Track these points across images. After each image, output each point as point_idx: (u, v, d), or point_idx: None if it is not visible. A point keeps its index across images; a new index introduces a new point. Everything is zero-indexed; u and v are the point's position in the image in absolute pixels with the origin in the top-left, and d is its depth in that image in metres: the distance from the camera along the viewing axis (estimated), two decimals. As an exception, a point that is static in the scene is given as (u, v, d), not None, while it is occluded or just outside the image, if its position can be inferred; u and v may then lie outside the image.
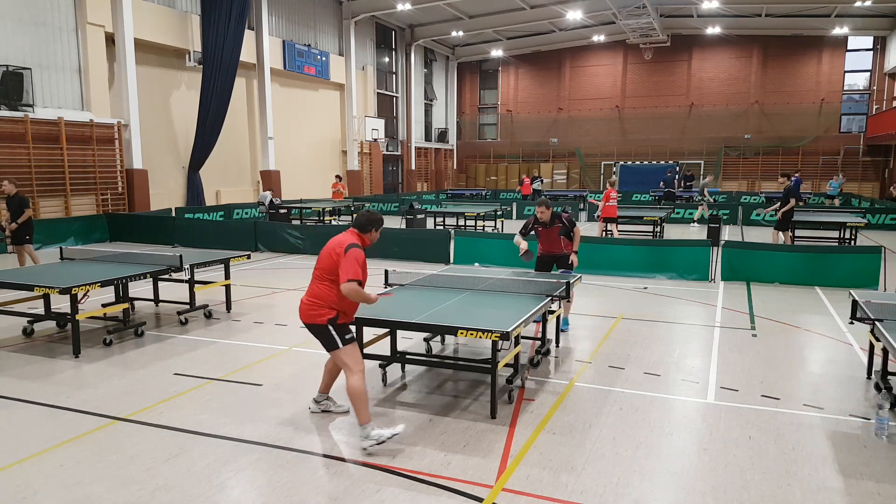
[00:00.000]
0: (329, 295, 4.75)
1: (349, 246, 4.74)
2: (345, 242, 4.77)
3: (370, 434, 4.58)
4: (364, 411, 4.62)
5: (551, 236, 8.13)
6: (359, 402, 4.62)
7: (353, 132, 29.39)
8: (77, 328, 6.97)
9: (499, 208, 19.30)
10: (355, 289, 4.65)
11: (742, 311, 9.22)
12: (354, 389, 4.63)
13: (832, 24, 31.19)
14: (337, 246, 4.76)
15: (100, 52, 17.53)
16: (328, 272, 4.76)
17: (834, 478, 4.30)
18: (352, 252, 4.70)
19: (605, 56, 37.30)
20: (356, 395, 4.63)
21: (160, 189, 20.00)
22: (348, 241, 4.80)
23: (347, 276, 4.62)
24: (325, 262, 4.79)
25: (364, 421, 4.63)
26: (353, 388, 4.64)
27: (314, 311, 4.79)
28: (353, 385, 4.64)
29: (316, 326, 4.78)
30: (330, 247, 4.81)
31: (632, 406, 5.53)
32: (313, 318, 4.78)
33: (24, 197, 11.22)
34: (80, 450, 4.66)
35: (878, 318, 5.60)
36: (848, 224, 14.89)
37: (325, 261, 4.80)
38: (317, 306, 4.77)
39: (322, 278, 4.80)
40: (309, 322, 4.81)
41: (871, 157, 32.81)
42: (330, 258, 4.76)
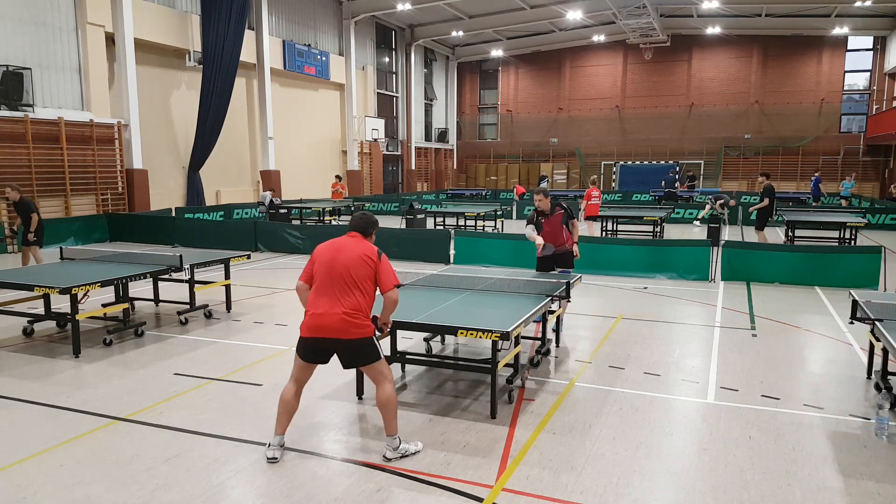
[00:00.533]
0: (368, 305, 4.52)
1: (379, 252, 4.63)
2: (371, 248, 4.61)
3: (399, 446, 4.51)
4: (395, 421, 4.54)
5: (555, 226, 8.00)
6: (393, 412, 4.52)
7: (353, 132, 29.39)
8: (77, 328, 6.97)
9: (499, 208, 19.29)
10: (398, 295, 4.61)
11: (742, 311, 9.22)
12: (391, 398, 4.51)
13: (832, 24, 31.19)
14: (366, 252, 4.55)
15: (100, 52, 17.53)
16: (363, 280, 4.49)
17: (834, 478, 4.30)
18: (385, 258, 4.61)
19: (605, 56, 37.30)
20: (392, 404, 4.51)
21: (160, 189, 20.00)
22: (371, 247, 4.63)
23: (394, 282, 4.55)
24: (359, 269, 4.49)
25: (394, 431, 4.53)
26: (390, 397, 4.50)
27: (358, 323, 4.44)
28: (390, 394, 4.50)
29: (359, 341, 4.46)
30: (356, 254, 4.52)
31: (632, 406, 5.53)
32: (358, 332, 4.44)
33: (29, 201, 11.21)
34: (80, 450, 4.66)
35: (878, 318, 5.60)
36: (848, 224, 14.90)
37: (359, 269, 4.49)
38: (360, 318, 4.45)
39: (355, 287, 4.47)
40: (352, 337, 4.44)
41: (871, 157, 32.81)
42: (365, 265, 4.50)
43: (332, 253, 4.56)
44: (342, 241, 4.65)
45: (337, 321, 4.39)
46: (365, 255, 4.52)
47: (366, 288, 4.50)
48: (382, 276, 4.53)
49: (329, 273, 4.50)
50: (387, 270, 4.55)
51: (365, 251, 4.55)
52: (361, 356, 4.52)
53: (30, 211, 10.91)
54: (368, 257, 4.52)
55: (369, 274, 4.51)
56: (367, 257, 4.52)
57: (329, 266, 4.51)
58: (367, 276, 4.51)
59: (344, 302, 4.43)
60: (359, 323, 4.44)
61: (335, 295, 4.44)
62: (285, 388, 4.63)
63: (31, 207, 11.01)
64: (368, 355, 4.52)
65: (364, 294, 4.49)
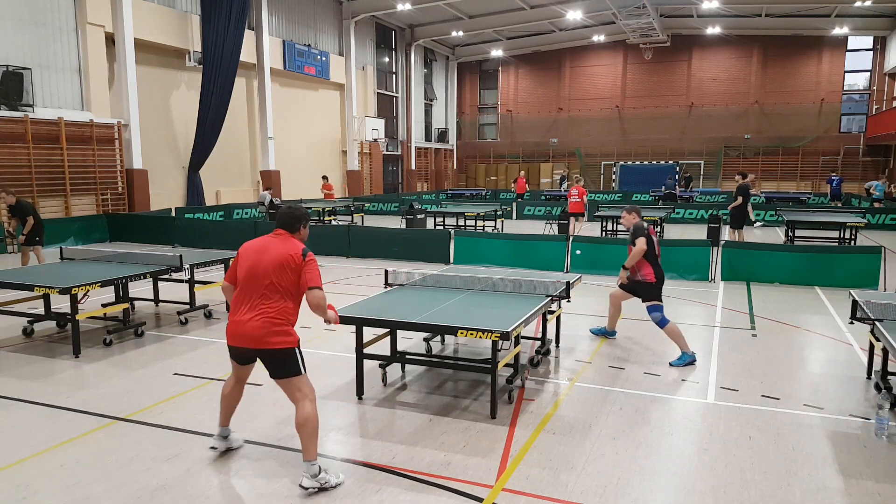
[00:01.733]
0: (292, 311, 4.17)
1: (305, 251, 4.19)
2: (295, 247, 4.18)
3: (318, 474, 4.05)
4: (315, 445, 4.11)
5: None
6: (313, 435, 4.09)
7: (353, 132, 29.39)
8: (77, 328, 6.96)
9: (499, 208, 19.29)
10: (324, 297, 4.15)
11: (742, 311, 9.22)
12: (313, 419, 4.08)
13: (832, 24, 31.20)
14: (287, 253, 4.13)
15: (100, 52, 17.53)
16: (285, 284, 4.10)
17: (834, 478, 4.30)
18: (312, 257, 4.19)
19: (605, 56, 37.31)
20: (313, 426, 4.08)
21: (160, 189, 20.00)
22: (296, 245, 4.20)
23: (316, 283, 4.10)
24: (281, 273, 4.09)
25: (313, 457, 4.08)
26: (311, 417, 4.07)
27: (279, 331, 4.08)
28: (310, 414, 4.08)
29: (277, 352, 4.09)
30: (279, 255, 4.12)
31: (632, 406, 5.53)
32: (278, 341, 4.07)
33: (25, 204, 11.22)
34: (80, 450, 4.66)
35: (878, 318, 5.60)
36: (848, 224, 14.90)
37: (280, 272, 4.09)
38: (280, 326, 4.09)
39: (276, 292, 4.09)
40: (268, 347, 4.06)
41: (871, 157, 32.82)
42: (287, 267, 4.10)
43: (255, 255, 4.20)
44: (266, 240, 4.29)
45: (254, 329, 4.06)
46: (288, 256, 4.12)
47: (289, 292, 4.13)
48: (304, 277, 4.11)
49: (250, 276, 4.16)
50: (311, 270, 4.12)
51: (289, 251, 4.15)
52: (279, 369, 4.14)
53: (27, 213, 10.93)
54: (292, 257, 4.12)
55: (292, 276, 4.12)
56: (291, 257, 4.12)
57: (251, 269, 4.17)
58: (290, 280, 4.12)
59: (263, 309, 4.08)
60: (281, 330, 4.09)
61: (255, 301, 4.11)
62: (225, 382, 4.53)
63: (28, 210, 11.01)
64: (286, 369, 4.13)
65: (287, 299, 4.13)
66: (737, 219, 14.87)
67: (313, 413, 4.12)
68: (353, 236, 14.45)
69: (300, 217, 4.38)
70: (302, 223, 4.37)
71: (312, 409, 4.12)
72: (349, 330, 7.15)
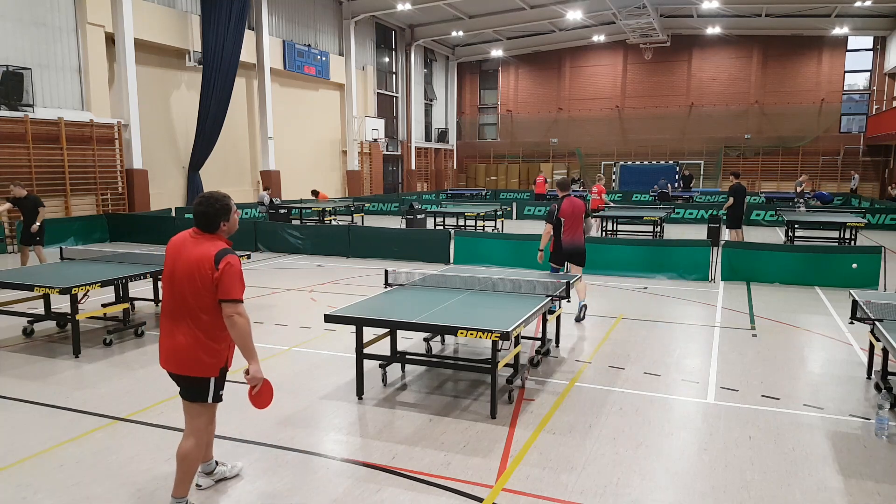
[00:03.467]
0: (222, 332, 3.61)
1: (222, 253, 3.51)
2: (209, 251, 3.51)
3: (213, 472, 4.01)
4: (189, 483, 3.70)
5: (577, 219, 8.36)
6: (190, 473, 3.69)
7: (353, 132, 29.39)
8: (77, 328, 6.97)
9: (499, 208, 19.30)
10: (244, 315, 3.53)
11: (742, 311, 9.22)
12: (193, 456, 3.66)
13: (832, 24, 31.19)
14: (204, 255, 3.51)
15: (100, 52, 17.53)
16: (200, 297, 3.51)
17: (834, 478, 4.30)
18: (230, 261, 3.51)
19: (605, 56, 37.31)
20: (195, 461, 3.68)
21: (160, 189, 20.00)
22: (212, 247, 3.53)
23: (230, 294, 3.47)
24: (193, 283, 3.49)
25: (184, 494, 3.69)
26: (193, 453, 3.65)
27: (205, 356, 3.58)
28: (193, 450, 3.66)
29: (196, 379, 3.61)
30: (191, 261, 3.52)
31: (632, 406, 5.53)
32: (200, 368, 3.58)
33: (37, 197, 11.26)
34: (80, 450, 4.66)
35: (878, 318, 5.60)
36: (848, 224, 14.90)
37: (193, 282, 3.49)
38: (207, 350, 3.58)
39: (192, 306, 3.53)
40: (190, 374, 3.58)
41: (871, 157, 32.82)
42: (199, 277, 3.48)
43: (171, 259, 3.63)
44: (183, 239, 3.66)
45: (178, 351, 3.58)
46: (201, 261, 3.50)
47: (205, 307, 3.53)
48: (220, 287, 3.48)
49: (169, 286, 3.62)
50: (228, 278, 3.47)
51: (198, 258, 3.51)
52: (191, 392, 3.69)
53: (38, 205, 10.97)
54: (205, 262, 3.49)
55: (207, 286, 3.49)
56: (204, 262, 3.49)
57: (169, 276, 3.62)
58: (204, 290, 3.50)
59: (185, 328, 3.55)
60: (207, 356, 3.59)
61: (173, 316, 3.60)
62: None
63: (39, 203, 11.06)
64: (194, 394, 3.67)
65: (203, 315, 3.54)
66: (733, 219, 14.91)
67: (200, 450, 3.72)
68: (353, 236, 14.45)
69: (220, 211, 3.62)
70: (224, 219, 3.65)
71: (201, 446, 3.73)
72: (349, 330, 7.16)
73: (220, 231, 3.68)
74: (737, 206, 14.78)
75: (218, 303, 3.52)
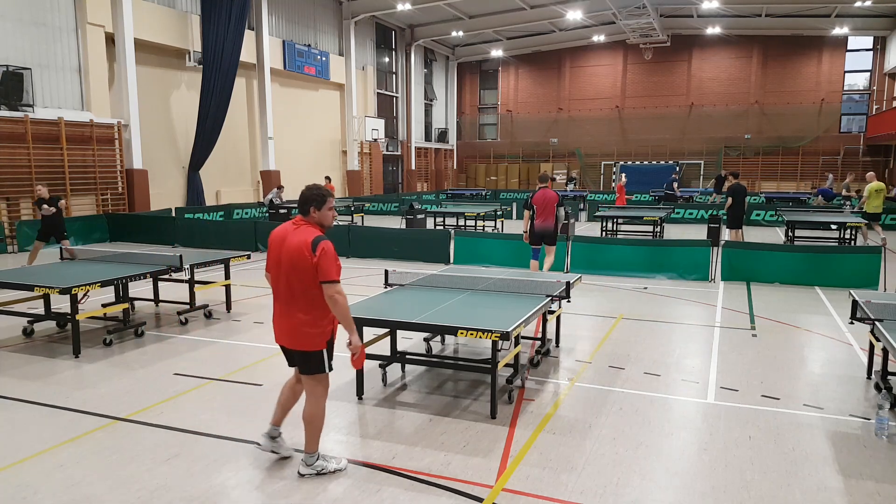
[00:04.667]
0: (319, 310, 4.04)
1: (317, 240, 3.93)
2: (306, 238, 3.93)
3: (316, 462, 4.23)
4: (317, 440, 4.24)
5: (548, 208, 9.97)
6: (316, 432, 4.21)
7: (353, 132, 29.39)
8: (77, 328, 6.97)
9: (499, 208, 19.29)
10: (342, 293, 3.96)
11: (742, 311, 9.22)
12: (317, 416, 4.17)
13: (832, 24, 31.20)
14: (298, 247, 3.94)
15: (100, 52, 17.53)
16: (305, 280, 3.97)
17: (834, 478, 4.30)
18: (325, 247, 3.91)
19: (605, 56, 37.31)
20: (318, 422, 4.18)
21: (160, 189, 20.00)
22: (310, 234, 3.96)
23: (329, 276, 3.90)
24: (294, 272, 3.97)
25: (313, 449, 4.24)
26: (318, 415, 4.16)
27: (313, 332, 4.05)
28: (318, 412, 4.16)
29: (307, 353, 4.11)
30: (294, 247, 3.95)
31: (632, 406, 5.53)
32: (311, 343, 4.07)
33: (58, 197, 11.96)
34: (80, 450, 4.66)
35: (878, 318, 5.60)
36: (848, 224, 14.90)
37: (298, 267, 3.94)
38: (315, 326, 4.04)
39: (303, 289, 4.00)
40: (304, 348, 4.08)
41: (871, 157, 32.82)
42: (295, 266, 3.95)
43: (276, 249, 4.07)
44: (285, 230, 4.10)
45: (289, 328, 4.07)
46: (300, 247, 3.92)
47: (308, 288, 3.98)
48: (319, 272, 3.90)
49: (275, 273, 4.10)
50: (325, 262, 3.89)
51: (297, 244, 3.94)
52: (306, 365, 4.15)
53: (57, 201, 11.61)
54: (304, 249, 3.91)
55: (308, 270, 3.93)
56: (303, 249, 3.91)
57: (275, 264, 4.09)
58: (306, 274, 3.94)
59: (293, 308, 4.02)
60: (316, 331, 4.04)
61: (283, 299, 4.08)
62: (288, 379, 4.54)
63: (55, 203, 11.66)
64: (311, 366, 4.13)
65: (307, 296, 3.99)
66: (733, 219, 14.92)
67: (322, 410, 4.22)
68: (353, 236, 14.45)
69: (313, 198, 4.03)
70: (312, 204, 4.03)
71: (322, 406, 4.22)
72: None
73: (311, 216, 4.06)
74: (736, 207, 14.79)
75: (318, 284, 3.94)
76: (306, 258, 3.90)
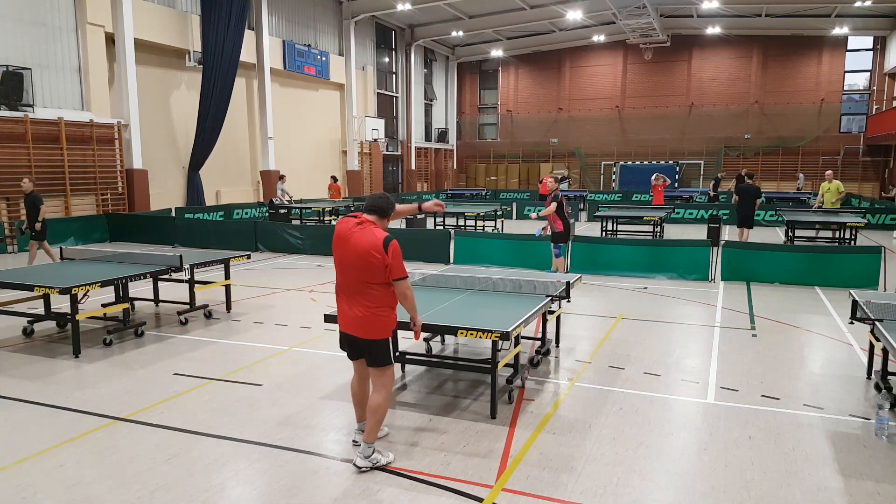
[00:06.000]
0: (387, 302, 4.33)
1: (387, 240, 4.23)
2: (377, 238, 4.23)
3: (372, 455, 4.37)
4: (377, 431, 4.45)
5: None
6: (379, 422, 4.41)
7: (353, 132, 29.38)
8: (77, 328, 6.97)
9: (499, 208, 19.29)
10: (411, 289, 4.35)
11: (742, 311, 9.22)
12: (382, 406, 4.38)
13: (832, 24, 31.20)
14: (370, 245, 4.21)
15: (100, 52, 17.53)
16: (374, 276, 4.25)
17: (834, 478, 4.30)
18: (394, 246, 4.24)
19: (605, 56, 37.31)
20: (381, 413, 4.39)
21: (160, 189, 19.99)
22: (379, 234, 4.26)
23: (402, 274, 4.25)
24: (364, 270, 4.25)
25: (372, 440, 4.41)
26: (381, 405, 4.37)
27: (382, 321, 4.32)
28: (382, 402, 4.38)
29: (374, 342, 4.34)
30: (363, 247, 4.22)
31: (632, 406, 5.53)
32: (381, 331, 4.33)
33: (37, 195, 11.61)
34: (80, 450, 4.66)
35: (878, 318, 5.60)
36: (848, 224, 14.90)
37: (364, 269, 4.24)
38: (379, 317, 4.30)
39: (371, 284, 4.28)
40: (373, 337, 4.33)
41: (871, 157, 32.83)
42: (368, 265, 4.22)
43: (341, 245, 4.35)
44: (349, 228, 4.36)
45: (360, 319, 4.32)
46: (371, 248, 4.21)
47: (377, 283, 4.28)
48: (392, 269, 4.25)
49: (341, 268, 4.40)
50: (396, 261, 4.25)
51: (370, 242, 4.23)
52: (375, 358, 4.40)
53: (37, 203, 11.33)
54: (374, 250, 4.21)
55: (379, 267, 4.23)
56: (373, 250, 4.21)
57: (341, 260, 4.38)
58: (377, 271, 4.24)
59: (363, 299, 4.30)
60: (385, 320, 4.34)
61: (348, 292, 4.37)
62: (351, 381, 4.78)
63: (39, 200, 11.41)
64: (379, 359, 4.40)
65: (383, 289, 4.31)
66: (741, 218, 15.06)
67: (387, 402, 4.41)
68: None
69: (390, 206, 4.49)
70: (391, 211, 4.52)
71: (387, 398, 4.41)
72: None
73: (387, 220, 4.48)
74: (743, 206, 14.87)
75: (386, 278, 4.26)
76: (378, 258, 4.20)
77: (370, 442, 4.38)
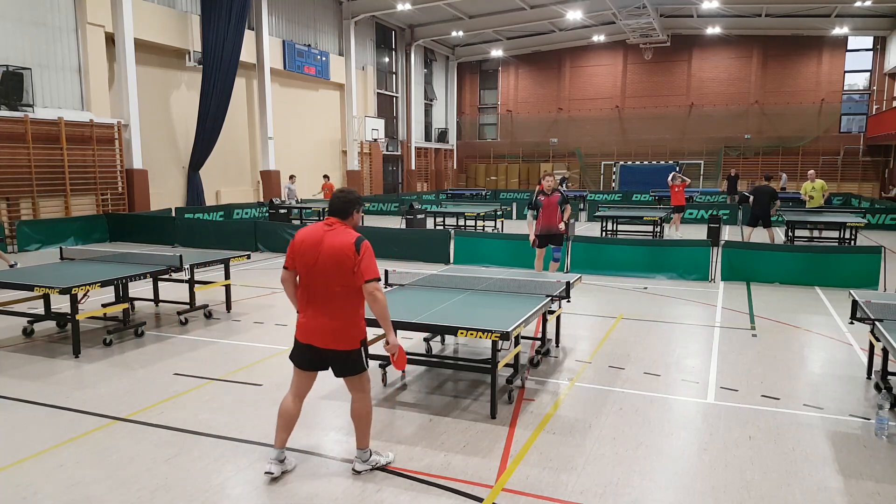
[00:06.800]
0: (359, 309, 4.09)
1: (358, 241, 4.00)
2: (348, 239, 4.00)
3: (370, 458, 4.32)
4: (368, 435, 4.32)
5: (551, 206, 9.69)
6: (368, 425, 4.28)
7: (353, 132, 29.39)
8: (77, 328, 6.96)
9: (499, 208, 19.29)
10: (382, 291, 4.03)
11: (742, 311, 9.22)
12: (367, 411, 4.24)
13: (832, 24, 31.20)
14: (342, 246, 3.97)
15: (100, 52, 17.53)
16: (345, 280, 3.99)
17: (834, 478, 4.30)
18: (366, 246, 4.00)
19: (605, 56, 37.32)
20: (368, 417, 4.26)
21: (160, 189, 19.99)
22: (350, 235, 4.03)
23: (373, 275, 3.97)
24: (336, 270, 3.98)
25: (366, 445, 4.32)
26: (366, 410, 4.23)
27: (350, 333, 4.07)
28: (366, 407, 4.23)
29: (346, 353, 4.08)
30: (336, 247, 3.97)
31: (632, 406, 5.53)
32: (348, 342, 4.06)
33: None
34: (80, 450, 4.66)
35: (878, 318, 5.60)
36: (848, 224, 14.90)
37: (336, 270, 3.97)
38: (351, 327, 4.06)
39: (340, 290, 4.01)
40: (341, 348, 4.06)
41: (871, 157, 32.83)
42: (340, 263, 3.97)
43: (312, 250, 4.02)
44: (319, 231, 4.07)
45: (327, 331, 4.04)
46: (341, 250, 3.97)
47: (348, 288, 4.01)
48: (361, 270, 3.96)
49: (309, 274, 4.06)
50: (368, 260, 3.98)
51: (340, 244, 3.98)
52: (345, 368, 4.15)
53: None
54: (343, 252, 3.96)
55: (350, 269, 3.97)
56: (342, 252, 3.96)
57: (311, 265, 4.04)
58: (349, 274, 3.98)
59: (331, 309, 4.02)
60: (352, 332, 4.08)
61: (316, 300, 4.06)
62: (284, 397, 4.33)
63: None
64: (350, 368, 4.15)
65: (352, 295, 4.03)
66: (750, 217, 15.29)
67: (368, 406, 4.27)
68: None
69: (353, 201, 4.13)
70: (356, 207, 4.15)
71: (368, 402, 4.27)
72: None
73: (352, 218, 4.16)
74: (754, 206, 15.08)
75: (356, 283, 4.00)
76: (351, 258, 3.96)
77: (364, 447, 4.31)
